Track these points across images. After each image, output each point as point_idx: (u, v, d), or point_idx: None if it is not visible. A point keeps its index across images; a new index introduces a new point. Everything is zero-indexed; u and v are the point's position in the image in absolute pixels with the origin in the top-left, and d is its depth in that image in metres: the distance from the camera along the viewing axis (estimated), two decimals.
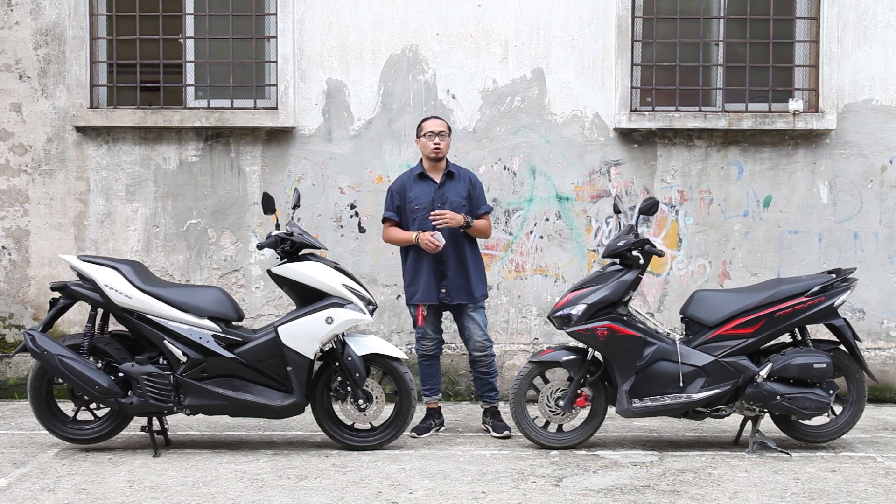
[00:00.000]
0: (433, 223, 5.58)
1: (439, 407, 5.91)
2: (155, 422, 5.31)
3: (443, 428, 5.84)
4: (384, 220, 5.86)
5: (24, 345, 5.17)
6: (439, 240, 5.55)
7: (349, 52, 6.97)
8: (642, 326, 5.37)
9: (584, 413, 5.44)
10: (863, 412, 5.52)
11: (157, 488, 4.54)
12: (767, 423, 5.61)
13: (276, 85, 6.97)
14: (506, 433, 5.66)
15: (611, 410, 5.47)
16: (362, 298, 5.30)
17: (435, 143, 5.70)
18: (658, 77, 7.09)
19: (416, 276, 5.72)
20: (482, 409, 5.91)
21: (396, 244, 5.85)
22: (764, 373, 5.23)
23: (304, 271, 5.27)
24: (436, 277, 5.68)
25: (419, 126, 5.84)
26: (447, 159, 5.85)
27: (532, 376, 5.42)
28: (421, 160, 5.87)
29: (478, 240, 5.89)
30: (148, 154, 6.99)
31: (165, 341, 5.18)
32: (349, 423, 5.40)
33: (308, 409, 5.36)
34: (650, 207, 5.42)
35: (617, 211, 5.63)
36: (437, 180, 5.76)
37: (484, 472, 4.85)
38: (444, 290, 5.69)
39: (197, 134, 6.97)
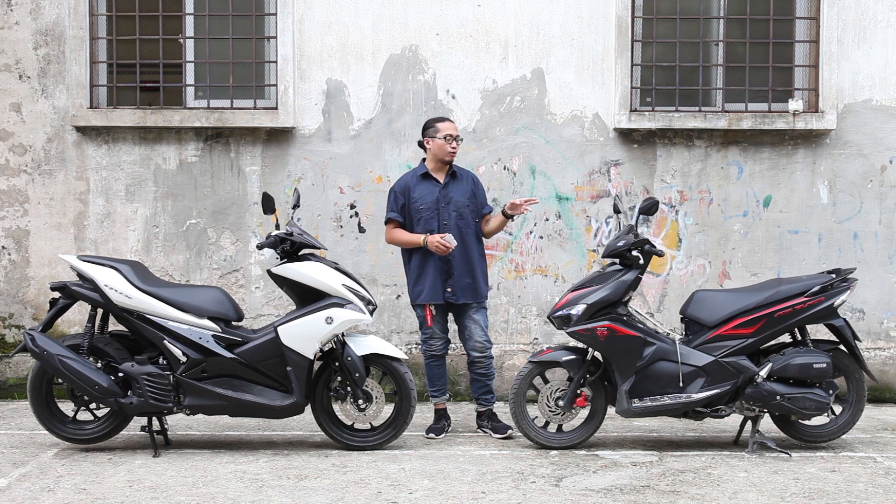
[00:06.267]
0: (528, 209, 5.64)
1: (445, 408, 5.90)
2: (155, 422, 5.31)
3: (450, 428, 5.84)
4: (388, 221, 5.81)
5: (24, 345, 5.17)
6: (451, 242, 5.54)
7: (349, 52, 6.97)
8: (642, 326, 5.37)
9: (584, 413, 5.44)
10: (863, 412, 5.52)
11: (157, 488, 4.54)
12: (767, 423, 5.61)
13: (275, 85, 6.97)
14: (509, 433, 5.66)
15: (611, 410, 5.47)
16: (362, 298, 5.29)
17: (453, 147, 5.72)
18: (658, 77, 7.09)
19: (421, 276, 5.70)
20: (477, 413, 5.89)
21: (402, 246, 5.80)
22: (764, 373, 5.23)
23: (304, 271, 5.27)
24: (441, 277, 5.67)
25: (433, 126, 5.78)
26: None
27: (532, 376, 5.42)
28: (423, 160, 5.86)
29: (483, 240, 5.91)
30: (148, 154, 6.99)
31: (165, 341, 5.18)
32: (349, 423, 5.40)
33: (308, 409, 5.36)
34: (650, 207, 5.42)
35: (617, 211, 5.62)
36: (441, 180, 5.77)
37: (484, 472, 4.85)
38: (449, 290, 5.68)
39: (197, 134, 6.97)
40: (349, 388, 5.28)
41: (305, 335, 5.21)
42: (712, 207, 7.00)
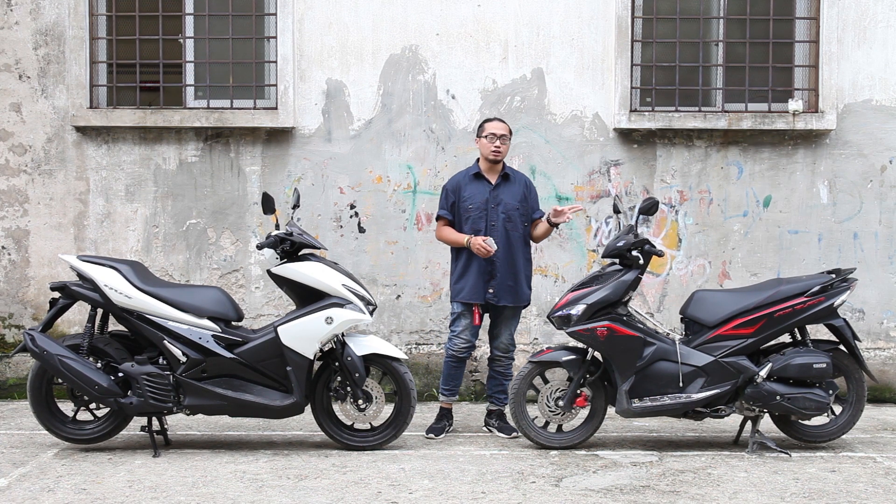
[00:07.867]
0: (572, 217, 5.67)
1: (451, 409, 5.90)
2: (155, 422, 5.31)
3: (450, 429, 5.84)
4: (438, 218, 5.84)
5: (24, 345, 5.17)
6: (491, 245, 5.53)
7: (349, 52, 6.97)
8: (642, 326, 5.37)
9: (584, 413, 5.44)
10: (862, 412, 5.52)
11: (157, 488, 4.54)
12: (767, 423, 5.61)
13: (275, 85, 6.97)
14: (514, 434, 5.65)
15: (611, 410, 5.47)
16: (362, 298, 5.29)
17: (495, 146, 5.70)
18: (658, 77, 7.09)
19: (464, 275, 5.71)
20: (487, 410, 5.90)
21: (448, 244, 5.83)
22: (764, 373, 5.23)
23: (304, 271, 5.27)
24: (484, 278, 5.68)
25: (481, 126, 5.82)
26: (504, 162, 5.85)
27: (532, 376, 5.42)
28: (478, 160, 5.87)
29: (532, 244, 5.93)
30: (148, 154, 6.99)
31: (165, 341, 5.18)
32: (349, 423, 5.40)
33: (308, 409, 5.36)
34: (650, 207, 5.42)
35: (617, 211, 5.62)
36: (493, 181, 5.77)
37: (484, 472, 4.85)
38: (491, 291, 5.69)
39: (197, 134, 6.97)
40: (349, 388, 5.28)
41: (305, 335, 5.21)
42: (712, 207, 7.00)
